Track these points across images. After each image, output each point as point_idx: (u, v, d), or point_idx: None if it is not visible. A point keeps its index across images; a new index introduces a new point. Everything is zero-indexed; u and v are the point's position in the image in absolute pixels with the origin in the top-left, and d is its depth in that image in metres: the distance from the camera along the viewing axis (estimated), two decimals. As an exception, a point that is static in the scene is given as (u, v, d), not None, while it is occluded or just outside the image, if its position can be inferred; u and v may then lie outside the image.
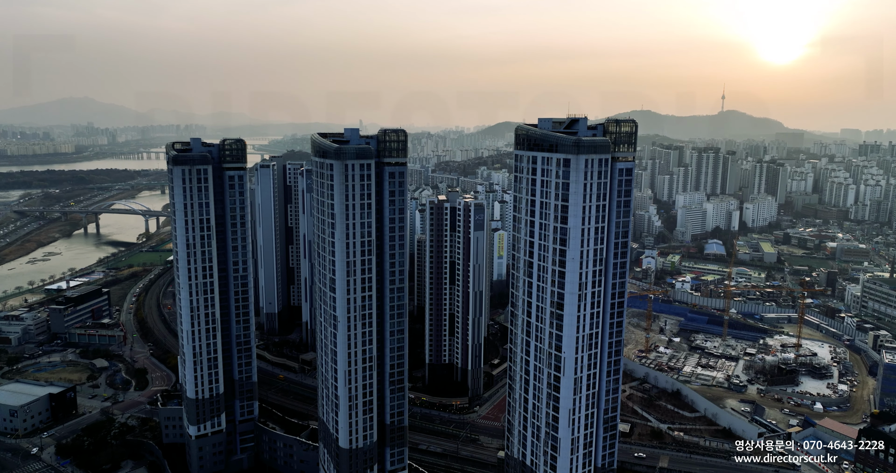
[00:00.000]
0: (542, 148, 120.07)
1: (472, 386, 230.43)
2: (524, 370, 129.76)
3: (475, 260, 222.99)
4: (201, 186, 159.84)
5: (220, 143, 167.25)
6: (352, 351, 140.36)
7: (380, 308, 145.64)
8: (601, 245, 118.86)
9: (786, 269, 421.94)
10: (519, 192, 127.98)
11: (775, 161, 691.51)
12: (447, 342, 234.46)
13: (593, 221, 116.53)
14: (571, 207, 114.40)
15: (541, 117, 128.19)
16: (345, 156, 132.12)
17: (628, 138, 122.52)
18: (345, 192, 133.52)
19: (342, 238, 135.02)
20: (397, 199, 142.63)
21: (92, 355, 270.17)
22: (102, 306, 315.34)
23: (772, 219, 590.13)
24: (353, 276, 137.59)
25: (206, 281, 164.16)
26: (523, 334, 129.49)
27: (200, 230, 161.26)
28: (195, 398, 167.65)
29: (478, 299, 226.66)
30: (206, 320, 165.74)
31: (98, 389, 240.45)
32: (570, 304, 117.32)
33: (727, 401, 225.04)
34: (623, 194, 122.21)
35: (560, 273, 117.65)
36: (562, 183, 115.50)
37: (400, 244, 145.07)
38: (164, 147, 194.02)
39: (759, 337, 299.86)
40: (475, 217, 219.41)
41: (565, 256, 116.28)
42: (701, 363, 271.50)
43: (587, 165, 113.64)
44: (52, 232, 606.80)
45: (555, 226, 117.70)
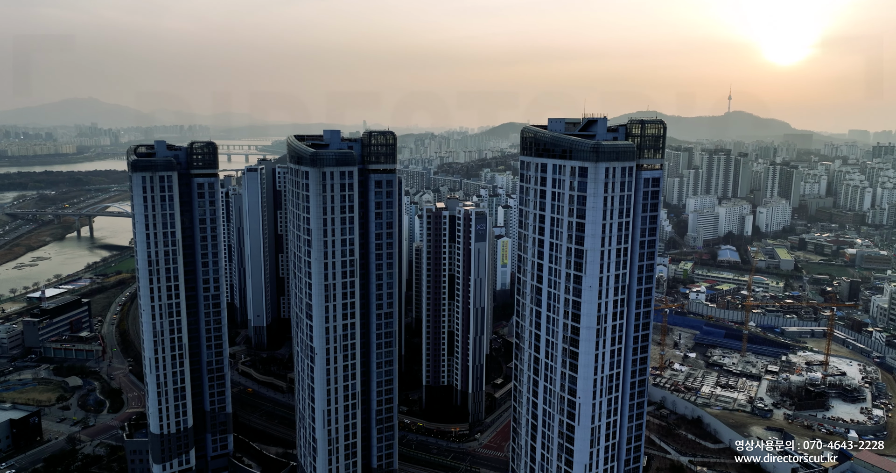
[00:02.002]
0: (552, 154, 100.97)
1: (473, 411, 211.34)
2: (531, 414, 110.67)
3: (476, 274, 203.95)
4: (165, 195, 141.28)
5: (187, 146, 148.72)
6: (332, 387, 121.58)
7: (365, 337, 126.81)
8: (623, 270, 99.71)
9: (804, 277, 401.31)
10: (525, 205, 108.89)
11: (788, 163, 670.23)
12: (446, 361, 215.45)
13: (615, 241, 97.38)
14: (589, 224, 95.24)
15: (551, 118, 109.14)
16: (322, 162, 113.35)
17: (655, 142, 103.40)
18: (322, 204, 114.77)
19: (319, 257, 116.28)
20: (385, 211, 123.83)
21: (66, 372, 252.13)
22: (82, 317, 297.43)
23: (786, 223, 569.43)
24: (333, 301, 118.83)
25: (171, 302, 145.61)
26: (530, 371, 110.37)
27: (165, 245, 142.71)
28: (160, 433, 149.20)
29: (479, 315, 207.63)
30: (171, 346, 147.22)
31: (68, 411, 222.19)
32: (586, 340, 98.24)
33: (752, 429, 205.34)
34: (649, 208, 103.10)
35: (575, 303, 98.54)
36: (577, 196, 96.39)
37: (388, 263, 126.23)
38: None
39: (781, 353, 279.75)
40: (476, 227, 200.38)
41: (581, 283, 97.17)
42: (720, 383, 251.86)
43: (608, 174, 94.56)
44: (43, 235, 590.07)
45: (568, 247, 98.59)
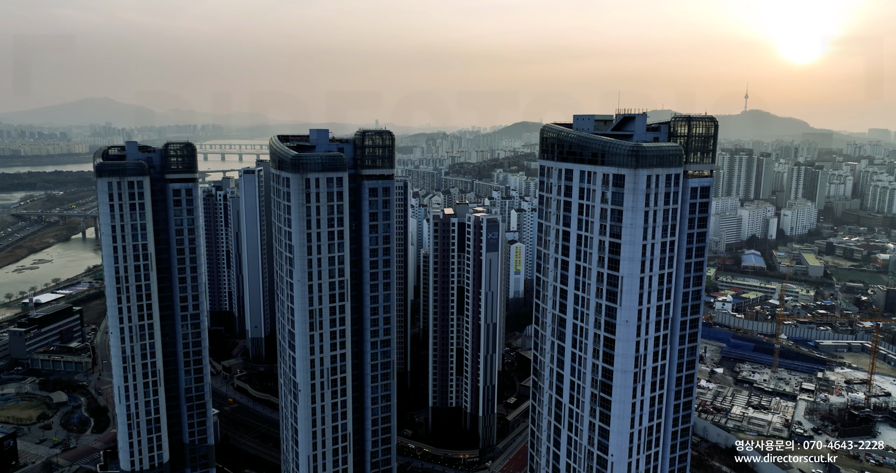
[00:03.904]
0: (580, 158, 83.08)
1: (484, 436, 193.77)
2: (552, 468, 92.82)
3: (487, 286, 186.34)
4: (135, 202, 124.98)
5: (162, 147, 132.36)
6: (318, 429, 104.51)
7: (358, 368, 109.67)
8: (667, 300, 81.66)
9: (836, 285, 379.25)
10: (546, 218, 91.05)
11: (813, 164, 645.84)
12: (454, 381, 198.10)
13: (657, 265, 79.40)
14: (626, 245, 77.32)
15: (577, 114, 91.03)
16: (305, 167, 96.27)
17: (704, 143, 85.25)
18: (305, 216, 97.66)
19: (303, 279, 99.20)
20: (381, 223, 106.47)
21: (52, 386, 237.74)
22: (73, 326, 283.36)
23: (811, 226, 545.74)
24: (319, 329, 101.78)
25: (143, 324, 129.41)
26: (550, 416, 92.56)
27: (135, 259, 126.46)
28: (131, 470, 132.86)
29: (490, 332, 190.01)
30: (144, 372, 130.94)
31: (50, 431, 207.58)
32: (621, 386, 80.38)
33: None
34: (696, 224, 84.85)
35: (607, 341, 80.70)
36: (611, 210, 78.51)
37: (385, 284, 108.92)
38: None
39: (816, 369, 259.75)
40: (488, 236, 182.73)
41: (615, 316, 79.32)
42: (752, 403, 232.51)
43: (650, 183, 76.64)
44: (47, 237, 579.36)
45: (599, 272, 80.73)
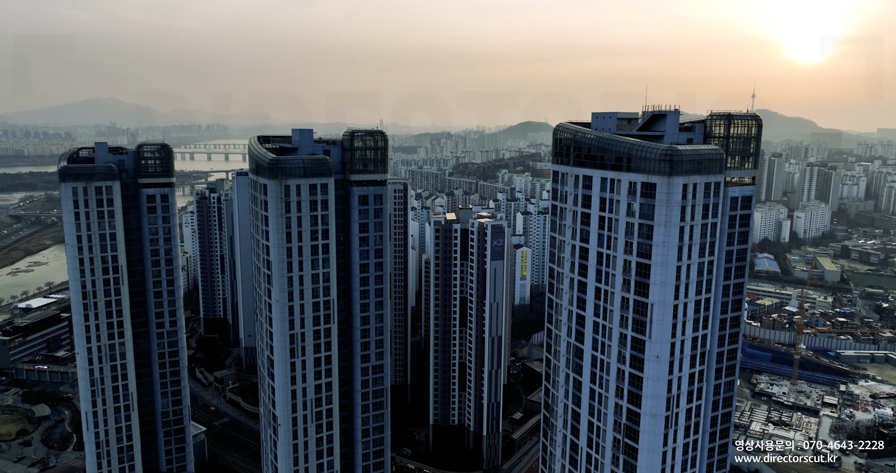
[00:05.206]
0: (601, 163, 70.85)
1: (488, 456, 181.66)
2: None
3: (492, 297, 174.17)
4: (104, 210, 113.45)
5: (135, 149, 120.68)
6: (301, 467, 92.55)
7: (346, 397, 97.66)
8: (704, 331, 69.37)
9: (854, 290, 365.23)
10: (559, 232, 78.85)
11: (825, 164, 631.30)
12: (456, 398, 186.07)
13: (693, 290, 67.11)
14: (657, 267, 65.05)
15: (596, 112, 78.84)
16: (284, 172, 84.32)
17: (745, 146, 73.08)
18: (285, 227, 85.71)
19: (282, 299, 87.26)
20: (372, 235, 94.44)
21: (36, 398, 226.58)
22: (61, 334, 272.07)
23: (825, 229, 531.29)
24: (302, 356, 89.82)
25: (113, 342, 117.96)
26: (565, 459, 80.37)
27: (104, 272, 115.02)
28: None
29: (495, 345, 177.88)
30: (115, 396, 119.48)
31: (29, 447, 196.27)
32: (650, 433, 68.11)
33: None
34: (737, 239, 72.48)
35: (633, 379, 68.46)
36: (639, 224, 66.21)
37: (378, 302, 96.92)
38: (185, 147, 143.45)
39: (839, 381, 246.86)
40: (493, 243, 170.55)
41: (644, 350, 67.08)
42: (772, 419, 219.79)
43: (686, 194, 64.25)
44: (44, 238, 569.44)
45: (624, 296, 68.50)
